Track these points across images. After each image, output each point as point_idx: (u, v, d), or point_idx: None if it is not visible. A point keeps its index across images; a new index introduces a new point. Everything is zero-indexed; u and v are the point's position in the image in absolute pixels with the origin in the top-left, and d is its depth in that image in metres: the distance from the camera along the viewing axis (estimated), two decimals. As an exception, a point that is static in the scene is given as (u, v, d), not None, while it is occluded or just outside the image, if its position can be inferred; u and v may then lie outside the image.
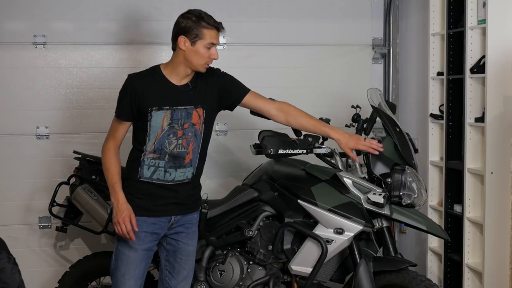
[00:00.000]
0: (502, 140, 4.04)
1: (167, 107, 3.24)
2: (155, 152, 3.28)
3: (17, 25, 4.66)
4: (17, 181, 4.67)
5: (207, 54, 3.25)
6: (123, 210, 3.24)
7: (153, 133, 3.26)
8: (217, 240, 3.96)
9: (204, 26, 3.23)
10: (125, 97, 3.27)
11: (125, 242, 3.30)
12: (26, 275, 3.18)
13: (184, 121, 3.28)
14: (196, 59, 3.25)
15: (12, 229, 4.64)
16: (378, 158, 3.67)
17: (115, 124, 3.35)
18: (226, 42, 4.97)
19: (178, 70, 3.29)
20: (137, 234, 3.28)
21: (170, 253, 3.44)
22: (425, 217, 3.70)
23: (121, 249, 3.31)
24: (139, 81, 3.27)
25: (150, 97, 3.24)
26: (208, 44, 3.23)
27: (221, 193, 4.23)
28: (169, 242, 3.43)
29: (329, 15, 5.14)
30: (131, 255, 3.30)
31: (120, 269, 3.32)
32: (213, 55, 3.27)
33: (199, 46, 3.23)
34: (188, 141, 3.31)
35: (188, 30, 3.23)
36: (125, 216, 3.23)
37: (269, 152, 3.60)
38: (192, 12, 3.28)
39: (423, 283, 3.45)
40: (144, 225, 3.30)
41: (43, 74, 4.70)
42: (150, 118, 3.24)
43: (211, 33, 3.24)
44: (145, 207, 3.30)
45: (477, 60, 4.18)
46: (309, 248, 3.65)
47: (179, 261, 3.45)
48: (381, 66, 5.32)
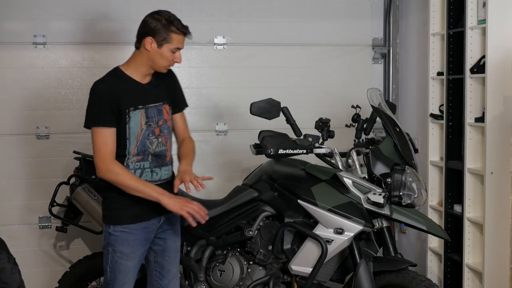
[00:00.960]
0: (502, 140, 4.04)
1: (141, 106, 3.23)
2: (139, 154, 3.24)
3: (17, 25, 4.66)
4: (17, 181, 4.67)
5: (171, 57, 3.25)
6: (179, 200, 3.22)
7: (133, 134, 3.21)
8: (217, 240, 3.96)
9: (173, 30, 3.21)
10: (104, 103, 3.15)
11: (122, 253, 3.25)
12: (26, 275, 3.19)
13: (158, 118, 3.28)
14: (160, 61, 3.23)
15: (12, 229, 4.64)
16: (378, 158, 3.67)
17: (104, 135, 3.17)
18: (226, 42, 4.98)
19: (142, 69, 3.26)
20: (133, 243, 3.26)
21: (159, 253, 3.42)
22: (425, 217, 3.70)
23: (118, 260, 3.26)
24: (110, 85, 3.20)
25: (125, 98, 3.19)
26: (174, 49, 3.23)
27: (221, 193, 4.23)
28: (156, 242, 3.40)
29: (329, 15, 5.14)
30: (129, 264, 3.27)
31: (119, 280, 3.28)
32: (177, 59, 3.28)
33: (165, 49, 3.21)
34: (166, 138, 3.33)
35: (157, 32, 3.19)
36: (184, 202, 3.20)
37: (269, 152, 3.60)
38: (161, 14, 3.24)
39: (423, 283, 3.45)
40: (138, 232, 3.27)
41: (43, 74, 4.70)
42: (129, 120, 3.19)
43: (178, 38, 3.23)
44: (137, 213, 3.26)
45: (477, 60, 4.18)
46: (309, 248, 3.65)
47: (168, 259, 3.43)
48: (381, 66, 5.32)
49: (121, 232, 3.24)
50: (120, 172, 3.17)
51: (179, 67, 4.93)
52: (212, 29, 4.96)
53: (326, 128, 3.79)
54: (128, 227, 3.24)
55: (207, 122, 4.98)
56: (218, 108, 4.99)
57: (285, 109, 3.78)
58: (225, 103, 5.00)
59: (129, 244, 3.25)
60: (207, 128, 4.98)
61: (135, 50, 3.29)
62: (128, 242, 3.25)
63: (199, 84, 4.99)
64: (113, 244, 3.25)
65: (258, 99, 3.71)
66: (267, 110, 3.70)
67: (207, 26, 4.96)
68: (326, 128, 3.79)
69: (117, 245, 3.25)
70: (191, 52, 4.96)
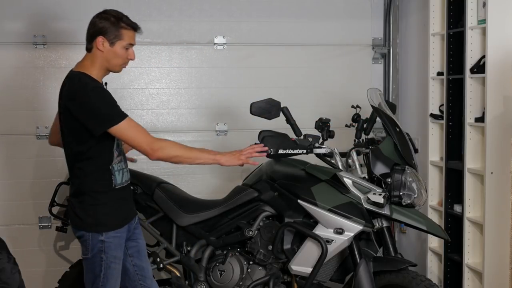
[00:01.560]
0: (502, 140, 4.04)
1: None
2: (119, 155, 3.24)
3: (17, 25, 4.66)
4: (17, 181, 4.67)
5: (125, 54, 3.18)
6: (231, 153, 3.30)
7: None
8: (217, 240, 3.96)
9: (123, 26, 3.16)
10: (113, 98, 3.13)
11: (115, 258, 3.21)
12: (26, 275, 3.19)
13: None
14: (115, 60, 3.17)
15: (12, 229, 4.64)
16: (378, 158, 3.67)
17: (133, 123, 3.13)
18: (226, 42, 4.98)
19: (101, 72, 3.19)
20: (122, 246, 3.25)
21: (135, 255, 3.37)
22: (425, 217, 3.70)
23: (111, 265, 3.20)
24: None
25: None
26: (127, 45, 3.17)
27: (221, 193, 4.23)
28: (131, 246, 3.35)
29: (329, 15, 5.14)
30: (118, 268, 3.25)
31: (110, 284, 3.23)
32: (131, 56, 3.21)
33: (118, 46, 3.15)
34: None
35: (107, 31, 3.13)
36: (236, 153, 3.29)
37: (269, 152, 3.60)
38: (109, 12, 3.20)
39: (423, 283, 3.45)
40: (124, 234, 3.26)
41: (43, 74, 4.70)
42: None
43: (129, 33, 3.18)
44: (125, 215, 3.26)
45: (477, 60, 4.18)
46: (309, 248, 3.65)
47: (144, 259, 3.41)
48: (381, 66, 5.32)
49: (114, 238, 3.19)
50: (169, 144, 3.16)
51: (179, 67, 4.97)
52: (212, 29, 4.97)
53: (326, 128, 3.79)
54: (119, 231, 3.22)
55: (207, 122, 4.98)
56: (218, 108, 4.99)
57: (285, 109, 3.78)
58: (225, 103, 5.00)
59: (121, 247, 3.24)
60: (207, 128, 4.98)
61: (86, 53, 3.21)
62: (120, 245, 3.23)
63: (199, 84, 4.99)
64: (107, 250, 3.18)
65: (258, 99, 3.71)
66: (267, 110, 3.70)
67: (207, 26, 4.96)
68: (326, 128, 3.79)
69: (110, 251, 3.18)
70: (191, 52, 4.96)
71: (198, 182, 4.94)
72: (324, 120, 3.80)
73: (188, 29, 4.94)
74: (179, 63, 4.94)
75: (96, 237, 3.16)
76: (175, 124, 4.93)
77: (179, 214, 3.98)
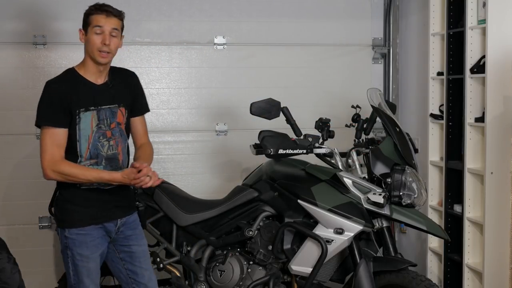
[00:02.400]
0: (502, 140, 4.04)
1: (92, 108, 3.16)
2: (92, 157, 3.19)
3: (17, 25, 4.66)
4: (17, 181, 4.67)
5: (98, 39, 3.12)
6: (126, 175, 3.11)
7: (83, 136, 3.16)
8: (217, 240, 3.96)
9: (90, 13, 3.15)
10: (55, 103, 3.12)
11: (81, 255, 3.19)
12: (26, 275, 3.19)
13: (110, 121, 3.22)
14: (90, 47, 3.14)
15: (12, 229, 4.64)
16: (378, 158, 3.67)
17: (54, 136, 3.13)
18: (226, 42, 4.98)
19: (88, 66, 3.19)
20: (91, 244, 3.20)
21: (127, 260, 3.34)
22: (425, 217, 3.69)
23: (78, 263, 3.19)
24: (62, 85, 3.16)
25: (75, 99, 3.13)
26: (96, 29, 3.12)
27: (221, 193, 4.23)
28: (122, 250, 3.33)
29: (329, 15, 5.14)
30: (91, 266, 3.22)
31: (84, 282, 3.22)
32: (104, 40, 3.12)
33: (90, 33, 3.14)
34: (117, 141, 3.25)
35: (84, 23, 3.17)
36: (132, 178, 3.09)
37: (269, 152, 3.60)
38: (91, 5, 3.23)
39: (423, 283, 3.45)
40: (94, 232, 3.22)
41: (43, 74, 4.69)
42: (79, 121, 3.14)
43: (97, 17, 3.12)
44: (92, 215, 3.21)
45: (477, 60, 4.18)
46: (309, 248, 3.65)
47: (138, 264, 3.35)
48: (381, 66, 5.32)
49: (77, 235, 3.18)
50: (69, 170, 3.12)
51: (179, 67, 4.97)
52: (212, 29, 4.97)
53: (326, 128, 3.79)
54: (84, 229, 3.19)
55: (207, 122, 4.98)
56: (218, 108, 4.99)
57: (285, 109, 3.78)
58: (225, 103, 5.00)
59: (88, 245, 3.19)
60: (207, 128, 4.98)
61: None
62: (86, 244, 3.19)
63: (199, 84, 4.99)
64: (71, 247, 3.19)
65: (258, 99, 3.71)
66: (267, 110, 3.70)
67: (207, 26, 4.96)
68: (326, 128, 3.79)
69: (75, 248, 3.18)
70: (191, 52, 4.96)
71: (198, 182, 4.94)
72: (324, 120, 3.80)
73: (188, 29, 4.94)
74: (179, 63, 4.94)
75: (62, 233, 3.22)
76: (175, 124, 4.93)
77: (179, 214, 3.97)
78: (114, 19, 3.16)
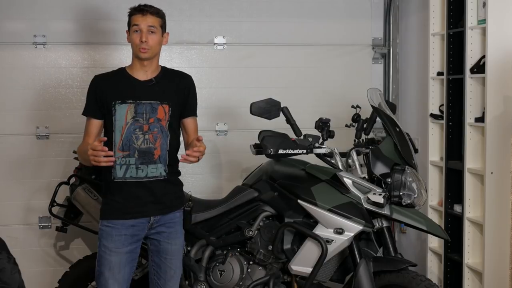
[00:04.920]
0: (502, 140, 4.04)
1: (130, 101, 3.29)
2: (124, 149, 3.27)
3: (17, 25, 4.66)
4: (17, 181, 4.67)
5: (137, 37, 3.29)
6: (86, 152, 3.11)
7: (118, 127, 3.27)
8: (217, 240, 3.96)
9: (131, 13, 3.35)
10: (90, 95, 3.37)
11: (106, 247, 3.27)
12: (26, 275, 3.19)
13: (149, 116, 3.31)
14: (132, 45, 3.34)
15: (12, 229, 4.64)
16: (378, 158, 3.67)
17: (87, 124, 3.39)
18: (226, 42, 4.98)
19: (134, 64, 3.38)
20: (116, 238, 3.26)
21: (154, 253, 3.42)
22: (425, 217, 3.69)
23: (103, 254, 3.28)
24: (102, 78, 3.39)
25: (113, 92, 3.31)
26: (134, 27, 3.30)
27: (221, 193, 4.23)
28: (152, 242, 3.41)
29: (329, 15, 5.14)
30: (113, 259, 3.27)
31: (104, 274, 3.29)
32: (141, 37, 3.28)
33: (130, 32, 3.34)
34: (155, 136, 3.31)
35: (127, 24, 3.38)
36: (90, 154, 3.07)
37: (269, 152, 3.60)
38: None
39: (423, 283, 3.45)
40: (123, 228, 3.28)
41: (43, 74, 4.70)
42: (114, 112, 3.27)
43: (135, 17, 3.32)
44: (123, 210, 3.28)
45: (477, 60, 4.18)
46: (309, 248, 3.65)
47: (164, 261, 3.41)
48: (381, 66, 5.32)
49: (106, 227, 3.30)
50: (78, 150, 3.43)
51: (179, 67, 4.91)
52: (212, 29, 4.97)
53: (326, 128, 3.79)
54: (111, 222, 3.29)
55: (207, 122, 4.97)
56: (218, 108, 4.99)
57: (285, 109, 3.78)
58: (225, 103, 5.00)
59: (113, 239, 3.27)
60: (207, 128, 4.97)
61: None
62: (111, 237, 3.27)
63: (199, 84, 4.91)
64: (100, 238, 3.32)
65: (258, 99, 3.71)
66: (267, 110, 3.70)
67: (207, 26, 4.96)
68: (326, 128, 3.79)
69: (102, 239, 3.30)
70: (191, 52, 4.96)
71: (198, 182, 4.94)
72: (324, 120, 3.80)
73: (188, 29, 4.94)
74: (179, 63, 4.94)
75: (100, 223, 3.36)
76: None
77: (179, 214, 3.97)
78: (150, 17, 3.30)
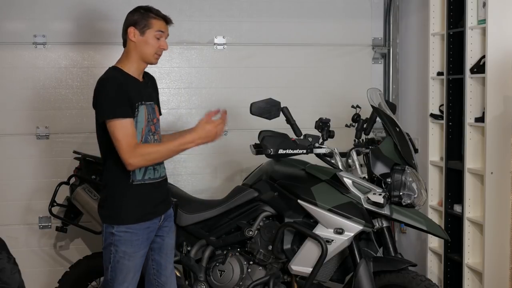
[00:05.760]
0: (502, 140, 4.04)
1: (143, 102, 3.25)
2: None
3: (17, 25, 4.66)
4: (17, 181, 4.67)
5: (157, 43, 3.25)
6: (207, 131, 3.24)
7: (138, 129, 3.20)
8: (217, 240, 3.96)
9: (152, 16, 3.25)
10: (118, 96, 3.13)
11: (125, 253, 3.23)
12: (26, 275, 3.19)
13: (153, 116, 3.31)
14: (147, 49, 3.24)
15: (12, 229, 4.64)
16: (378, 158, 3.67)
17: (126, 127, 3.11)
18: (226, 42, 4.98)
19: (135, 65, 3.27)
20: (135, 243, 3.24)
21: (156, 251, 3.41)
22: (425, 217, 3.70)
23: (120, 260, 3.24)
24: (119, 79, 3.19)
25: (134, 92, 3.20)
26: (157, 33, 3.24)
27: (221, 193, 4.23)
28: (155, 240, 3.39)
29: (329, 15, 5.14)
30: (130, 264, 3.25)
31: (118, 279, 3.26)
32: (163, 45, 3.27)
33: (148, 35, 3.23)
34: (160, 136, 3.35)
35: (137, 22, 3.24)
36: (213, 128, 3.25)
37: (269, 152, 3.60)
38: (140, 6, 3.31)
39: (423, 283, 3.45)
40: (140, 232, 3.25)
41: (43, 74, 4.70)
42: (137, 114, 3.19)
43: (159, 22, 3.25)
44: (141, 213, 3.26)
45: (477, 60, 4.18)
46: (309, 248, 3.65)
47: (164, 257, 3.42)
48: (381, 66, 5.32)
49: (125, 233, 3.21)
50: (151, 149, 3.16)
51: (179, 67, 4.97)
52: (212, 29, 4.97)
53: (326, 128, 3.79)
54: (131, 227, 3.22)
55: (207, 122, 4.97)
56: (218, 108, 4.98)
57: (285, 109, 3.78)
58: (225, 103, 4.99)
59: (132, 244, 3.23)
60: (207, 128, 4.97)
61: (124, 50, 3.31)
62: (131, 242, 3.23)
63: (199, 84, 4.99)
64: (116, 244, 3.22)
65: (258, 99, 3.71)
66: (267, 110, 3.70)
67: (207, 26, 4.96)
68: (326, 128, 3.79)
69: (120, 245, 3.22)
70: (191, 52, 4.96)
71: (198, 182, 4.94)
72: (324, 120, 3.80)
73: (188, 29, 4.94)
74: (179, 63, 4.94)
75: (109, 229, 3.22)
76: (175, 124, 4.93)
77: (179, 214, 3.97)
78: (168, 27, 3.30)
